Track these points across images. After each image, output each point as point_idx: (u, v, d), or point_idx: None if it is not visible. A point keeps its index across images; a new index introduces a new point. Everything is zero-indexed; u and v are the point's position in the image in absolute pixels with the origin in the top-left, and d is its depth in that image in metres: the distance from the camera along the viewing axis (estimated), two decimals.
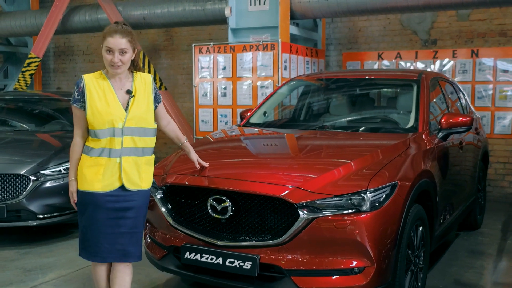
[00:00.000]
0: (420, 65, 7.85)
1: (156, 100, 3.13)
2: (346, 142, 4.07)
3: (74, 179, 3.04)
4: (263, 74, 7.08)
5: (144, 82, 3.06)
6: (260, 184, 3.22)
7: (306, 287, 3.09)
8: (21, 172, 5.12)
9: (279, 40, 6.91)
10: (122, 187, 2.96)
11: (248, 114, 5.03)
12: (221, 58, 7.31)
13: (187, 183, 3.44)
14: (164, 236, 3.57)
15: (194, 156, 3.40)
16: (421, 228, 3.68)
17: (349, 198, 3.09)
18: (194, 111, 7.57)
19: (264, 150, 4.09)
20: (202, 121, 7.57)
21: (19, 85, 9.42)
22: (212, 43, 7.36)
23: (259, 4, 7.33)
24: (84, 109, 2.94)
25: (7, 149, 5.61)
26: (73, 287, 4.14)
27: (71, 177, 3.05)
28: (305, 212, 3.06)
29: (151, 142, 3.07)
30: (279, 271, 3.13)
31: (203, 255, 3.30)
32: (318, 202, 3.08)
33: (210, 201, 3.30)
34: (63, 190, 5.34)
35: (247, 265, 3.15)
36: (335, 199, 3.09)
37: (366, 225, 3.06)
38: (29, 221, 5.18)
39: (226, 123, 7.40)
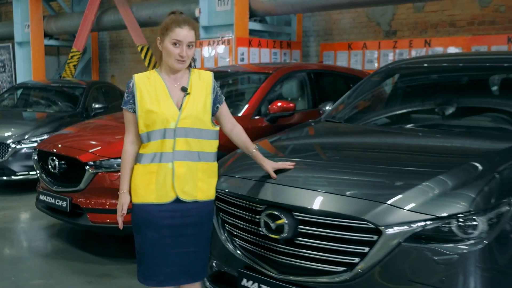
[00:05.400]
0: (383, 55, 8.54)
1: (218, 101, 2.75)
2: None
3: (126, 191, 2.67)
4: (221, 65, 8.34)
5: (202, 80, 2.70)
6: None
7: (98, 220, 4.48)
8: (5, 141, 7.04)
9: (233, 36, 8.13)
10: (178, 199, 2.61)
11: None
12: None
13: None
14: None
15: (269, 167, 2.87)
16: None
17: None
18: None
19: None
20: None
21: (66, 74, 11.63)
22: None
23: (224, 4, 8.56)
24: (134, 111, 2.62)
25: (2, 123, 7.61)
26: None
27: (123, 189, 2.66)
28: (91, 168, 4.45)
29: (209, 146, 2.69)
30: (80, 208, 4.56)
31: None
32: (103, 162, 4.45)
33: None
34: None
35: (63, 203, 4.63)
36: (113, 160, 4.43)
37: None
38: (12, 177, 7.11)
39: None
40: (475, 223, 2.40)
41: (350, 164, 3.13)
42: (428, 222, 2.41)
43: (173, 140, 2.57)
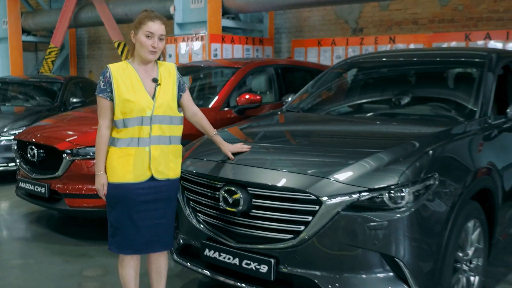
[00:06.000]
0: (351, 51, 8.94)
1: (181, 89, 3.09)
2: None
3: (102, 172, 2.94)
4: (196, 60, 8.66)
5: (168, 71, 3.03)
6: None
7: (75, 205, 4.78)
8: None
9: (206, 33, 8.45)
10: (152, 177, 2.94)
11: None
12: (167, 47, 8.98)
13: None
14: None
15: (227, 151, 3.22)
16: None
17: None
18: None
19: None
20: None
21: (44, 69, 11.82)
22: None
23: (198, 2, 8.88)
24: (111, 99, 2.88)
25: None
26: None
27: (100, 170, 2.94)
28: (68, 156, 4.75)
29: (177, 130, 3.03)
30: (58, 194, 4.85)
31: None
32: (79, 150, 4.74)
33: None
34: None
35: (42, 189, 4.92)
36: (89, 148, 4.73)
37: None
38: None
39: None
40: (403, 194, 2.78)
41: (301, 147, 3.51)
42: (363, 194, 2.78)
43: (149, 127, 2.89)
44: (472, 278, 3.37)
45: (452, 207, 2.96)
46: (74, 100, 8.42)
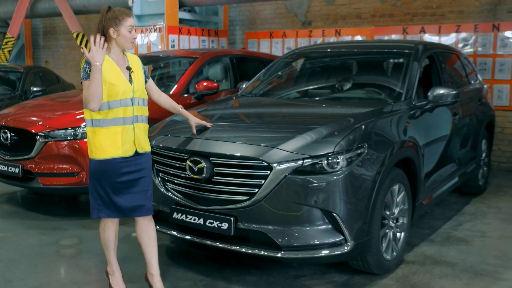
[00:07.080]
0: (300, 43, 9.58)
1: (146, 76, 3.54)
2: None
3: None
4: (154, 51, 9.08)
5: (135, 60, 3.45)
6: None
7: (47, 183, 5.20)
8: None
9: (164, 24, 8.88)
10: (136, 151, 3.34)
11: None
12: None
13: None
14: None
15: (193, 122, 3.86)
16: None
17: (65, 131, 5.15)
18: None
19: None
20: None
21: (1, 59, 11.90)
22: None
23: None
24: None
25: None
26: None
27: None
28: (42, 138, 5.16)
29: (147, 111, 3.47)
30: (31, 173, 5.25)
31: None
32: (51, 132, 5.16)
33: None
34: None
35: (15, 170, 5.31)
36: (60, 131, 5.15)
37: (74, 147, 5.12)
38: None
39: None
40: (338, 160, 3.40)
41: (255, 124, 4.10)
42: (306, 160, 3.38)
43: (132, 107, 3.30)
44: (398, 234, 4.04)
45: (379, 171, 3.60)
46: (35, 89, 8.71)
